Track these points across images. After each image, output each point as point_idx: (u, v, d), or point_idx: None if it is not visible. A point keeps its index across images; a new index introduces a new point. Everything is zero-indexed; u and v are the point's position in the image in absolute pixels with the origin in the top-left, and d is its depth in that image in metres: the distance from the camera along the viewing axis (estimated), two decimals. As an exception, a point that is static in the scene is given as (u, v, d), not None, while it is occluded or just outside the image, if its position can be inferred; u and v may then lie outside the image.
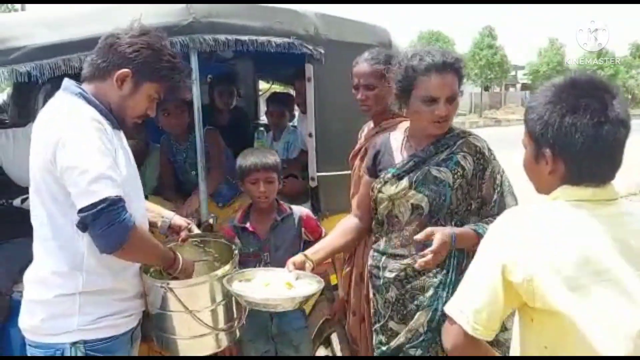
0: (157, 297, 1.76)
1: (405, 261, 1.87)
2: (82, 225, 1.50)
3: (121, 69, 1.61)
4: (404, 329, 1.90)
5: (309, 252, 1.96)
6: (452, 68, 1.81)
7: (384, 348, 1.95)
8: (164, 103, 2.95)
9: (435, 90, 1.79)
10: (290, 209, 2.39)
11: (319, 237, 2.29)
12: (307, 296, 1.75)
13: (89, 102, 1.61)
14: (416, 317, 1.87)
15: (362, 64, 2.24)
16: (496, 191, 1.84)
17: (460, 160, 1.82)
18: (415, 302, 1.88)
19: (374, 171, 2.03)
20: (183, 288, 1.73)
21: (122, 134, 1.75)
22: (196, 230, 2.05)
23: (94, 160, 1.49)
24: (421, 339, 1.86)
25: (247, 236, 2.34)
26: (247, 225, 2.34)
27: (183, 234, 1.97)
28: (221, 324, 1.83)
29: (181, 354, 1.86)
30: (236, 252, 1.90)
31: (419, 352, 1.86)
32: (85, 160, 1.49)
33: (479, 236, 1.77)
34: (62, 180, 1.51)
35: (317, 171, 2.71)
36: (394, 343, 1.91)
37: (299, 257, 1.91)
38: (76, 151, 1.49)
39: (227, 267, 1.80)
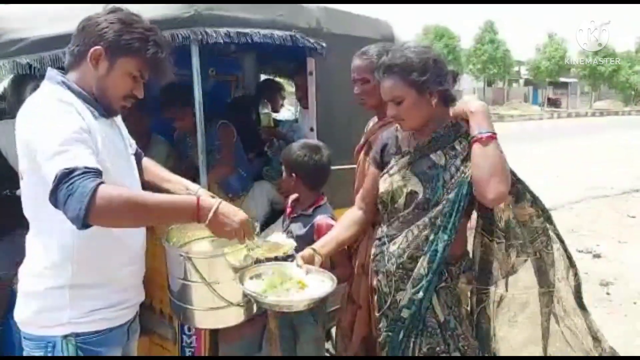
0: (178, 266, 1.74)
1: (414, 230, 1.87)
2: (54, 206, 1.41)
3: (93, 47, 1.55)
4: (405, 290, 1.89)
5: (316, 245, 1.96)
6: (390, 71, 1.80)
7: (390, 333, 1.95)
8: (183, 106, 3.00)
9: (382, 93, 1.86)
10: (315, 212, 2.35)
11: None
12: (321, 297, 1.73)
13: (72, 89, 1.56)
14: (419, 263, 1.86)
15: (356, 59, 2.27)
16: None
17: (456, 145, 1.82)
18: (412, 274, 1.87)
19: (380, 163, 2.04)
20: (202, 259, 1.72)
21: (112, 121, 1.69)
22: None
23: (48, 138, 1.41)
24: (422, 283, 1.84)
25: (284, 213, 2.50)
26: (290, 203, 2.46)
27: None
28: (239, 297, 1.80)
29: (197, 326, 1.89)
30: (256, 227, 1.82)
31: (419, 295, 1.84)
32: (42, 140, 1.42)
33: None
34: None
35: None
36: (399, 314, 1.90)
37: (307, 252, 1.91)
38: (35, 133, 1.44)
39: (245, 243, 1.70)
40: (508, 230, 1.90)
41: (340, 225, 2.10)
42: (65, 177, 1.34)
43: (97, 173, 1.39)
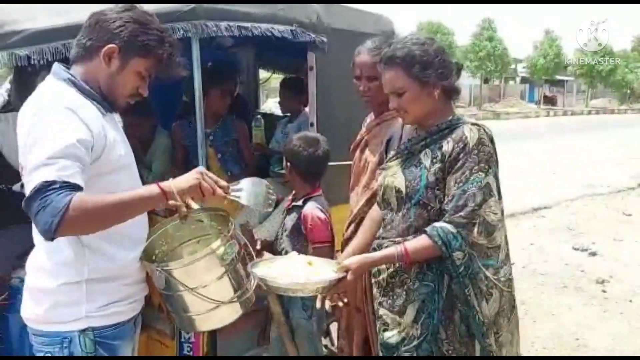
0: (160, 279, 1.73)
1: (397, 238, 1.84)
2: (27, 213, 1.42)
3: (107, 44, 1.56)
4: (392, 320, 1.87)
5: (344, 257, 1.94)
6: (392, 63, 1.77)
7: (384, 339, 1.91)
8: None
9: (383, 84, 1.84)
10: (305, 203, 2.36)
11: (312, 239, 2.31)
12: (332, 280, 1.72)
13: (77, 87, 1.56)
14: (408, 310, 1.82)
15: (364, 55, 2.21)
16: (457, 186, 1.70)
17: (444, 145, 1.76)
18: (405, 287, 1.83)
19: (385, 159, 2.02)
20: (180, 268, 1.69)
21: (115, 116, 1.70)
22: (194, 205, 1.97)
23: (41, 147, 1.41)
24: (414, 343, 1.80)
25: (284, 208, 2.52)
26: (288, 198, 2.49)
27: (182, 211, 1.91)
28: (229, 294, 1.77)
29: (199, 330, 1.85)
30: (231, 225, 1.80)
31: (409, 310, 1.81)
32: (36, 146, 1.42)
33: (431, 240, 1.69)
34: None
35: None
36: (386, 336, 1.88)
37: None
38: (34, 137, 1.44)
39: (219, 240, 1.72)
40: None
41: (364, 228, 2.07)
42: (42, 189, 1.36)
43: (75, 187, 1.40)
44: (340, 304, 1.92)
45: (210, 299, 1.73)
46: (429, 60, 1.75)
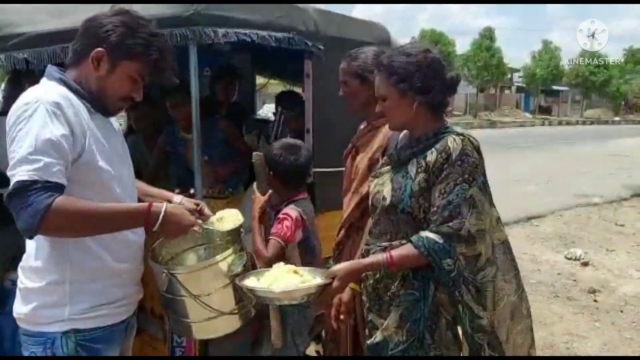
0: (164, 281, 1.73)
1: (384, 243, 1.85)
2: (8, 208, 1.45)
3: (96, 48, 1.58)
4: (380, 324, 1.87)
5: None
6: (379, 69, 1.83)
7: (367, 342, 1.93)
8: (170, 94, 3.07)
9: None
10: (286, 206, 2.36)
11: (273, 231, 2.28)
12: (320, 285, 1.72)
13: (68, 86, 1.58)
14: (392, 313, 1.83)
15: (343, 61, 2.27)
16: (442, 197, 1.71)
17: (428, 155, 1.76)
18: (389, 293, 1.85)
19: None
20: (186, 273, 1.70)
21: (114, 123, 1.71)
22: (207, 212, 1.94)
23: (24, 143, 1.42)
24: (400, 348, 1.81)
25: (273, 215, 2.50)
26: (279, 207, 2.45)
27: (197, 223, 1.84)
28: (230, 306, 1.79)
29: (194, 337, 1.85)
30: (242, 232, 1.85)
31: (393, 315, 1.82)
32: (18, 142, 1.43)
33: (416, 249, 1.70)
34: None
35: (314, 167, 2.69)
36: (372, 340, 1.89)
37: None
38: (17, 131, 1.45)
39: (230, 250, 1.76)
40: None
41: (363, 241, 2.08)
42: (24, 188, 1.39)
43: (57, 187, 1.42)
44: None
45: (211, 308, 1.74)
46: (407, 73, 1.76)
